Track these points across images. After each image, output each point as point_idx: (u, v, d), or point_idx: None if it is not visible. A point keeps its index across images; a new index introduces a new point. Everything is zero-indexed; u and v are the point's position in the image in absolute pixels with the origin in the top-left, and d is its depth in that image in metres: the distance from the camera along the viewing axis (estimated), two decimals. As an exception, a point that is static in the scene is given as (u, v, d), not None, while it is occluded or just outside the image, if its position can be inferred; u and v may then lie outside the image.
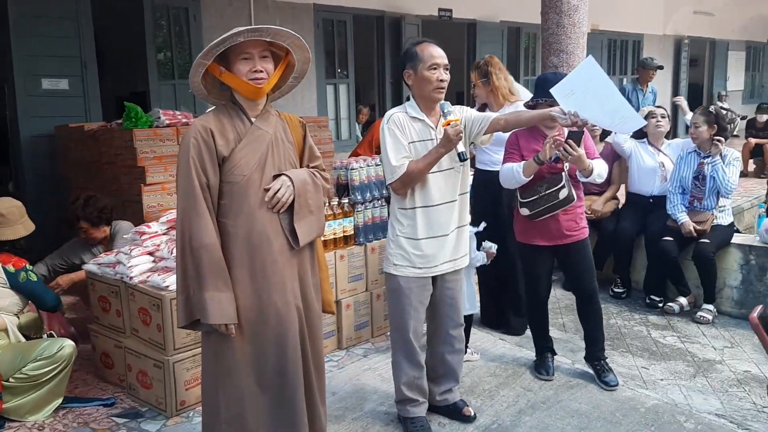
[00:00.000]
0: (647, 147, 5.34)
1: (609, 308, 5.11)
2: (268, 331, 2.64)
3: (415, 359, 3.30)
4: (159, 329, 3.48)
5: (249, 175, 2.59)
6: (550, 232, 3.73)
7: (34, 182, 6.46)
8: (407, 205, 3.16)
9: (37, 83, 6.42)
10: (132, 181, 4.98)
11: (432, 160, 3.06)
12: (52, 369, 3.46)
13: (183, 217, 2.54)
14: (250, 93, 2.61)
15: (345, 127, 9.60)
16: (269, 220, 2.63)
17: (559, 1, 5.53)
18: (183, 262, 2.55)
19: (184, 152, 2.54)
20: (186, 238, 2.52)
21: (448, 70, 3.13)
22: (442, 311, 3.35)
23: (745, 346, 4.41)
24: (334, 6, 8.99)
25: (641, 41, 15.07)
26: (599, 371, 3.89)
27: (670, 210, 5.03)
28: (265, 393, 2.68)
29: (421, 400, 3.38)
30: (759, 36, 19.73)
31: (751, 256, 4.84)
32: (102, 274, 3.81)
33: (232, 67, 2.58)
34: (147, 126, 5.03)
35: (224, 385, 2.65)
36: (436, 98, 3.13)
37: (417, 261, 3.17)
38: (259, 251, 2.61)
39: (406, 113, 3.16)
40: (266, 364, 2.66)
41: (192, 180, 2.50)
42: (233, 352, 2.62)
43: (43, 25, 6.36)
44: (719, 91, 16.12)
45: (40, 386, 3.47)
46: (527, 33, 12.13)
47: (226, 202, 2.60)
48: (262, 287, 2.62)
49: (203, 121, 2.59)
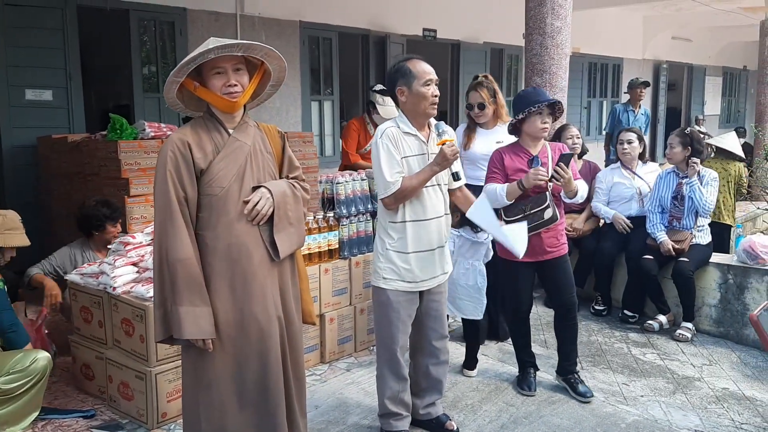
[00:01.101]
0: (622, 172, 5.41)
1: (590, 325, 5.16)
2: (250, 344, 2.63)
3: (399, 373, 3.31)
4: (142, 340, 3.46)
5: (227, 187, 2.58)
6: (533, 249, 3.77)
7: (15, 192, 6.40)
8: (397, 219, 3.18)
9: (21, 94, 6.39)
10: (115, 193, 4.95)
11: (425, 178, 3.10)
12: (26, 382, 3.38)
13: (160, 230, 2.53)
14: (226, 107, 2.61)
15: (329, 143, 9.64)
16: (249, 232, 2.62)
17: (543, 23, 5.64)
18: (160, 277, 2.53)
19: (161, 166, 2.53)
20: (162, 252, 2.51)
21: (437, 85, 3.18)
22: (426, 323, 3.36)
23: (724, 364, 4.47)
24: (320, 23, 9.08)
25: (621, 65, 15.35)
26: (573, 384, 3.95)
27: (649, 229, 5.11)
28: (247, 407, 2.66)
29: (404, 414, 3.39)
30: (735, 62, 20.17)
31: (729, 275, 4.92)
32: (85, 285, 3.78)
33: (207, 81, 2.58)
34: (132, 138, 5.02)
35: (205, 398, 2.63)
36: (430, 114, 3.17)
37: (406, 275, 3.19)
38: (239, 263, 2.60)
39: (399, 128, 3.19)
40: (248, 378, 2.64)
41: (169, 194, 2.49)
42: (214, 366, 2.61)
43: (29, 35, 6.35)
44: (696, 115, 16.42)
45: (15, 399, 3.39)
46: (510, 54, 12.31)
47: (205, 214, 2.59)
48: (243, 300, 2.61)
49: (180, 134, 2.58)
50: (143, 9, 7.32)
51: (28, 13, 6.35)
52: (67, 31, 6.60)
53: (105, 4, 6.92)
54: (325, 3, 9.06)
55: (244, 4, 8.09)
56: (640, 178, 5.38)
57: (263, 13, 8.33)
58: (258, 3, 8.21)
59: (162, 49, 7.70)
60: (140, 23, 7.42)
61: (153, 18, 7.50)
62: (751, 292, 4.81)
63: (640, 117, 7.98)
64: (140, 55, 7.46)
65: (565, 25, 5.69)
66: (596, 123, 14.76)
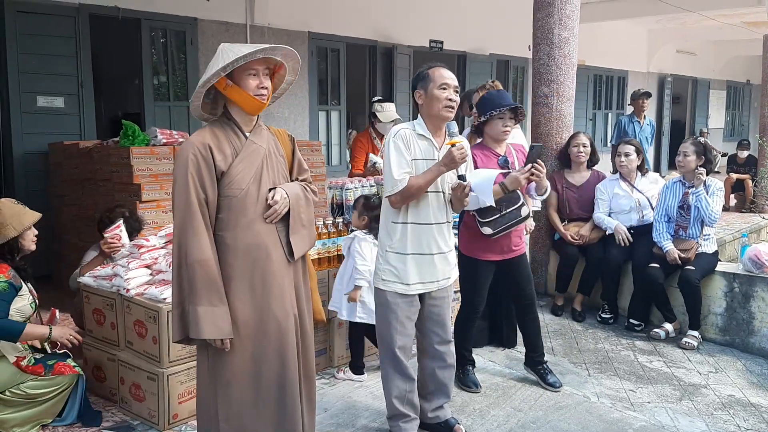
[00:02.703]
0: (621, 185, 5.45)
1: (597, 333, 5.19)
2: (269, 342, 2.67)
3: (404, 372, 3.34)
4: (155, 341, 3.49)
5: (246, 188, 2.64)
6: (500, 248, 3.90)
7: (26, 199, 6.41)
8: (399, 219, 3.23)
9: (33, 101, 6.48)
10: (127, 198, 5.01)
11: (432, 178, 3.15)
12: (50, 391, 3.42)
13: (180, 232, 2.56)
14: (255, 108, 2.67)
15: (336, 152, 9.71)
16: (267, 233, 2.68)
17: (551, 34, 5.71)
18: (179, 277, 2.57)
19: (182, 168, 2.56)
20: (182, 254, 2.55)
21: (457, 93, 3.24)
22: (428, 327, 3.40)
23: (729, 372, 4.49)
24: (328, 34, 9.18)
25: (626, 77, 15.43)
26: (542, 374, 4.14)
27: (656, 238, 5.14)
28: (265, 405, 2.70)
29: (413, 416, 3.41)
30: (739, 76, 20.24)
31: (735, 284, 4.95)
32: (98, 287, 3.82)
33: (239, 82, 2.63)
34: (144, 144, 5.09)
35: (224, 397, 2.66)
36: (445, 116, 3.21)
37: (404, 277, 3.23)
38: (258, 263, 2.66)
39: (414, 130, 3.26)
40: (266, 376, 2.68)
41: (190, 196, 2.54)
42: (233, 365, 2.64)
43: (41, 43, 6.45)
44: (701, 128, 16.46)
45: (36, 405, 3.42)
46: (515, 66, 12.39)
47: (224, 215, 2.64)
48: (263, 298, 2.66)
49: (200, 137, 2.62)
50: (155, 18, 7.42)
51: (41, 20, 6.44)
52: (79, 40, 6.70)
53: (117, 12, 7.01)
54: (334, 14, 9.17)
55: (254, 15, 8.19)
56: (638, 191, 5.41)
57: (272, 24, 8.44)
58: (267, 14, 8.32)
59: (172, 58, 7.79)
60: (151, 32, 7.52)
61: (164, 27, 7.60)
62: (757, 300, 4.84)
63: (646, 127, 8.01)
64: (151, 64, 7.56)
65: (573, 36, 5.76)
66: (601, 135, 14.82)
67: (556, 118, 5.83)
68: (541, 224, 5.96)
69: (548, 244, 5.95)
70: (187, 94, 7.83)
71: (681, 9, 11.33)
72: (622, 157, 5.44)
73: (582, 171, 5.63)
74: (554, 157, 5.84)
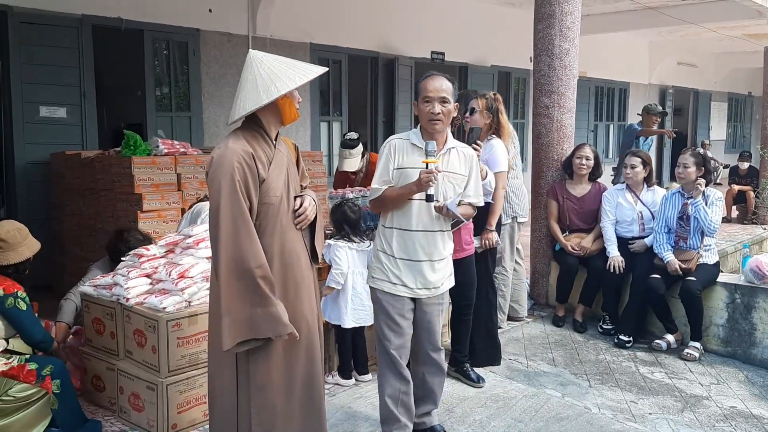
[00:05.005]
0: (626, 195, 5.44)
1: (598, 344, 5.17)
2: (299, 343, 2.76)
3: (398, 372, 3.32)
4: (154, 351, 3.49)
5: (281, 195, 2.72)
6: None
7: (27, 208, 6.49)
8: (386, 224, 3.31)
9: (35, 110, 6.50)
10: (128, 208, 5.03)
11: (404, 192, 3.17)
12: (37, 391, 3.41)
13: (231, 240, 2.55)
14: (293, 120, 2.80)
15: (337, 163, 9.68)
16: (296, 239, 2.80)
17: (551, 45, 5.73)
18: (231, 285, 2.56)
19: (227, 175, 2.56)
20: (237, 261, 2.56)
21: (445, 103, 3.22)
22: (419, 333, 3.41)
23: (731, 383, 4.47)
24: (330, 46, 9.21)
25: (627, 89, 15.46)
26: (465, 373, 4.30)
27: (656, 249, 5.13)
28: (295, 404, 2.78)
29: (405, 423, 3.35)
30: (740, 88, 20.29)
31: (736, 295, 4.94)
32: (98, 296, 3.82)
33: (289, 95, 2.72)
34: (146, 154, 5.11)
35: (258, 401, 2.71)
36: (431, 129, 3.24)
37: (392, 277, 3.26)
38: (290, 268, 2.75)
39: (408, 140, 3.29)
40: (296, 377, 2.77)
41: (240, 203, 2.56)
42: (269, 369, 2.71)
43: (44, 53, 6.48)
44: (703, 140, 16.47)
45: (27, 407, 3.42)
46: (517, 78, 12.43)
47: (260, 222, 2.70)
48: (295, 301, 2.76)
49: (241, 145, 2.63)
50: (157, 29, 7.45)
51: (44, 31, 6.48)
52: (82, 50, 6.73)
53: (120, 24, 7.05)
54: (336, 25, 9.21)
55: (256, 26, 8.23)
56: (643, 203, 5.41)
57: (274, 35, 8.47)
58: (269, 25, 8.36)
59: (175, 69, 7.82)
60: (154, 43, 7.55)
61: (167, 38, 7.64)
62: (759, 311, 4.83)
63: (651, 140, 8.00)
64: (153, 75, 7.59)
65: (573, 47, 5.78)
66: (603, 146, 14.84)
67: (557, 128, 5.84)
68: (542, 235, 5.96)
69: (549, 254, 5.95)
70: (189, 104, 7.86)
71: (682, 21, 11.37)
72: (628, 169, 5.44)
73: (583, 183, 5.63)
74: (554, 168, 5.85)
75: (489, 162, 4.40)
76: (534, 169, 6.08)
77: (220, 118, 7.97)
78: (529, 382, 4.41)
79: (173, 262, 3.74)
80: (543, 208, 5.87)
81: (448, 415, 3.85)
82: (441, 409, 3.79)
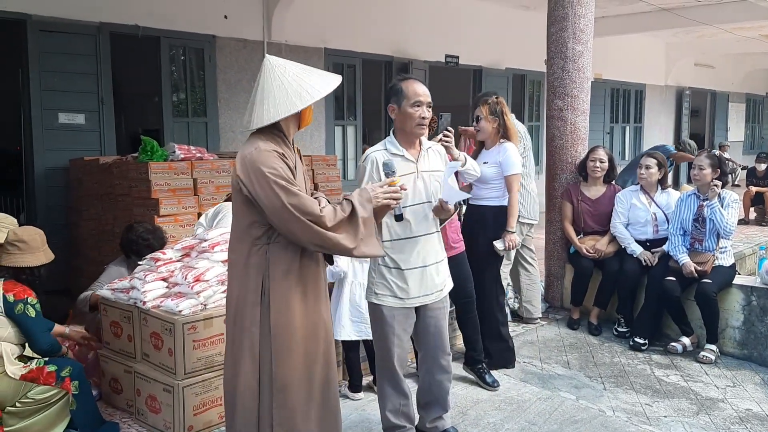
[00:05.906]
0: (640, 196, 5.42)
1: (613, 347, 5.16)
2: (318, 345, 2.79)
3: (399, 387, 3.33)
4: (170, 353, 3.54)
5: None
6: None
7: (46, 214, 6.59)
8: (384, 237, 3.20)
9: (54, 117, 6.61)
10: (145, 213, 5.09)
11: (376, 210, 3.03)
12: (57, 392, 3.47)
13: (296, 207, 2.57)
14: (307, 124, 2.86)
15: (351, 167, 9.76)
16: None
17: (565, 47, 5.73)
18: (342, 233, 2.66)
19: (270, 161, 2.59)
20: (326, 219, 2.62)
21: (430, 108, 3.24)
22: (426, 339, 3.39)
23: (747, 386, 4.44)
24: (344, 50, 9.26)
25: (643, 91, 15.38)
26: (481, 374, 4.26)
27: (671, 251, 5.11)
28: (313, 405, 2.80)
29: (408, 426, 3.38)
30: (758, 89, 20.10)
31: (752, 297, 4.90)
32: (116, 299, 3.88)
33: None
34: (162, 159, 5.17)
35: (278, 402, 2.73)
36: (417, 133, 3.23)
37: (397, 291, 3.22)
38: (310, 270, 2.78)
39: (386, 150, 3.24)
40: (315, 377, 2.80)
41: (293, 183, 2.60)
42: (291, 369, 2.73)
43: (62, 61, 6.58)
44: (720, 142, 16.34)
45: (47, 408, 3.48)
46: (531, 80, 12.41)
47: None
48: (315, 304, 2.79)
49: (270, 146, 2.65)
50: (174, 36, 7.55)
51: (63, 39, 6.58)
52: (100, 57, 6.84)
53: (137, 31, 7.15)
54: (350, 30, 9.26)
55: (271, 32, 8.30)
56: (657, 204, 5.39)
57: (289, 41, 8.54)
58: (284, 31, 8.43)
59: (191, 75, 7.91)
60: (171, 50, 7.65)
61: (183, 45, 7.73)
62: (776, 314, 4.79)
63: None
64: (170, 81, 7.68)
65: (587, 50, 5.77)
66: (619, 148, 14.77)
67: (571, 131, 5.84)
68: (557, 237, 5.95)
69: (563, 257, 5.94)
70: (205, 110, 7.94)
71: (696, 22, 11.30)
72: (642, 170, 5.42)
73: (598, 185, 5.62)
74: (568, 170, 5.85)
75: (503, 165, 4.40)
76: (548, 171, 6.08)
77: (236, 124, 8.05)
78: (544, 384, 4.41)
79: (189, 266, 3.79)
80: (557, 211, 5.86)
81: (461, 417, 3.86)
82: (455, 411, 3.81)
